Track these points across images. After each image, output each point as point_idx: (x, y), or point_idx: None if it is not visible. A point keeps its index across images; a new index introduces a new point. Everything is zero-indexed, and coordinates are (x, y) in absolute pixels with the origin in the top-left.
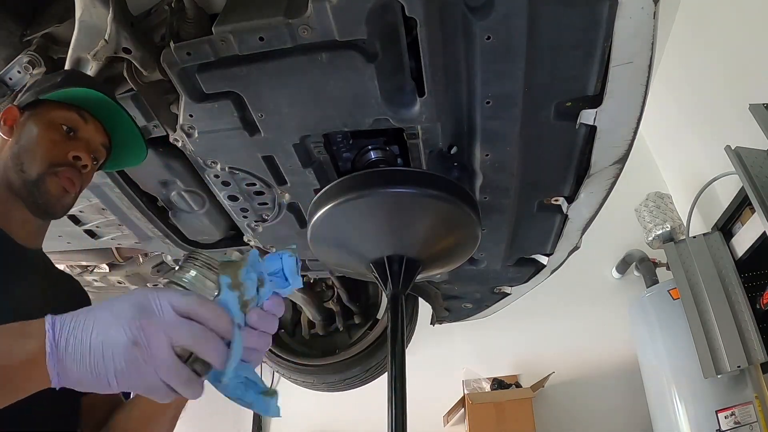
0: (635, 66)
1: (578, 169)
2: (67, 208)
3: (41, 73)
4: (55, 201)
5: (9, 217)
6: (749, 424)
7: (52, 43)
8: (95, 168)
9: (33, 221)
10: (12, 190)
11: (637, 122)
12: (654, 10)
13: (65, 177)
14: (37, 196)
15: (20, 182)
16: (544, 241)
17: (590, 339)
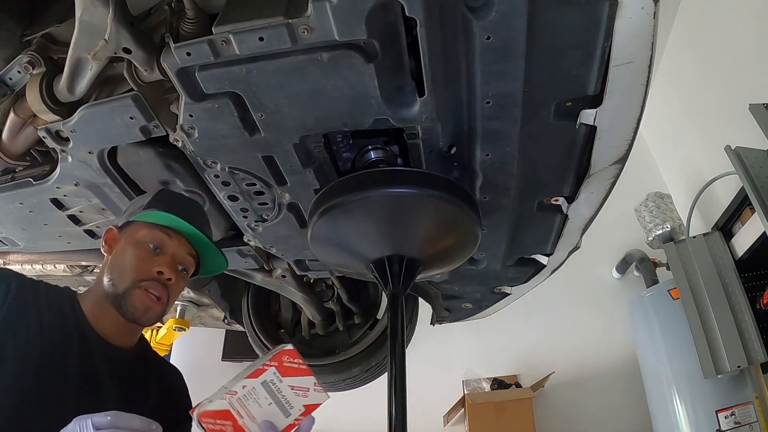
0: (635, 66)
1: (578, 169)
2: (156, 317)
3: (41, 73)
4: (141, 313)
5: (104, 319)
6: (749, 424)
7: (52, 43)
8: (186, 276)
9: (126, 325)
10: (108, 300)
11: (637, 122)
12: (654, 10)
13: (149, 290)
14: (125, 309)
15: (112, 295)
16: (544, 241)
17: (590, 339)
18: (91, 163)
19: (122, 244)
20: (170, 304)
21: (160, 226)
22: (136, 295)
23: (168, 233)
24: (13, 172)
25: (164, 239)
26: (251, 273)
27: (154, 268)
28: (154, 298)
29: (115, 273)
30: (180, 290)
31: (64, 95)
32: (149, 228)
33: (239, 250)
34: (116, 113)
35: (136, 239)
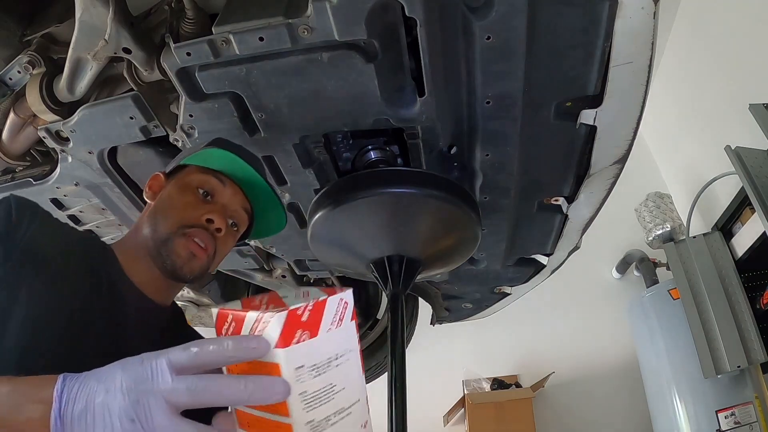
0: (635, 66)
1: (578, 169)
2: (198, 272)
3: (41, 73)
4: (182, 263)
5: (141, 272)
6: (749, 424)
7: (52, 43)
8: (236, 234)
9: (163, 280)
10: (146, 249)
11: (637, 122)
12: (654, 10)
13: (194, 239)
14: (165, 257)
15: (151, 242)
16: (544, 241)
17: (590, 339)
18: (91, 163)
19: (168, 190)
20: (216, 261)
21: (213, 171)
22: (179, 242)
23: (221, 179)
24: (13, 172)
25: (216, 186)
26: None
27: (202, 215)
28: (200, 246)
29: (158, 217)
30: (228, 249)
31: (64, 95)
32: (200, 172)
33: (239, 250)
34: (116, 113)
35: (184, 183)
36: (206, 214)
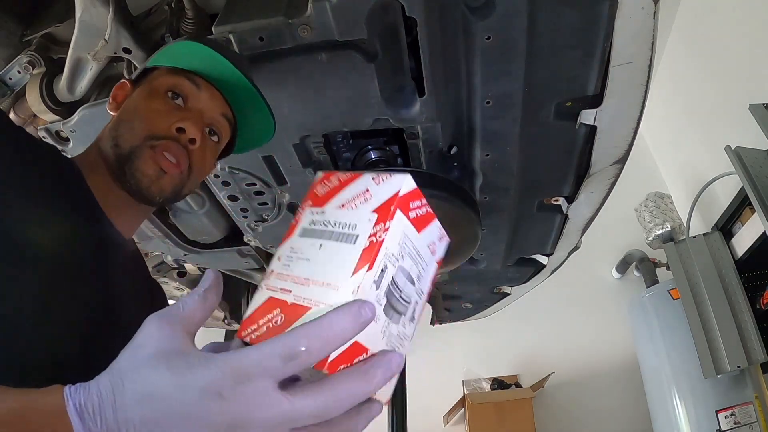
0: (635, 66)
1: (578, 169)
2: (170, 192)
3: (41, 73)
4: (149, 182)
5: (107, 197)
6: (749, 424)
7: (52, 43)
8: (216, 146)
9: (127, 202)
10: (108, 166)
11: (637, 122)
12: (654, 10)
13: (163, 152)
14: (129, 175)
15: (113, 158)
16: (544, 241)
17: (590, 339)
18: None
19: (133, 97)
20: (193, 180)
21: (186, 72)
22: (145, 157)
23: (195, 81)
24: None
25: (189, 88)
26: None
27: (172, 124)
28: (170, 161)
29: (121, 130)
30: (208, 165)
31: (64, 95)
32: (170, 74)
33: (239, 250)
34: None
35: (150, 88)
36: (177, 123)
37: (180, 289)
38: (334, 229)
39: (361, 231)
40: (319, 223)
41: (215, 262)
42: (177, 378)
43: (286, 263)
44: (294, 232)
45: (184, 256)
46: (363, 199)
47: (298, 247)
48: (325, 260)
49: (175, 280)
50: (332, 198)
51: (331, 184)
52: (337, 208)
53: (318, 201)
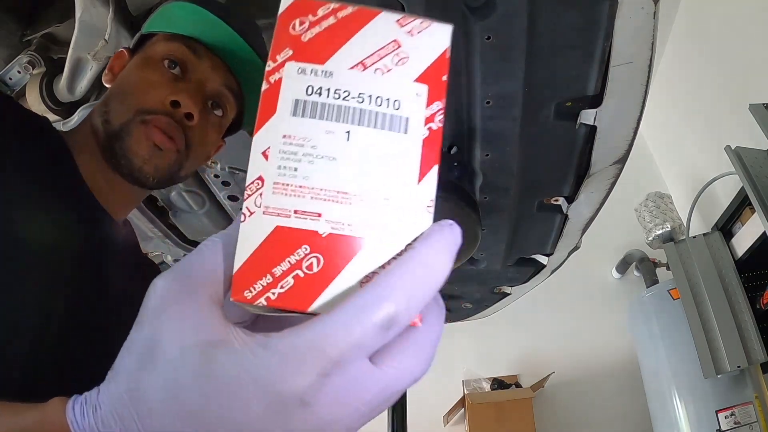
0: (635, 66)
1: (578, 169)
2: (165, 172)
3: (41, 73)
4: (141, 162)
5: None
6: (749, 424)
7: (52, 43)
8: (221, 121)
9: (119, 184)
10: (98, 144)
11: (637, 122)
12: (654, 10)
13: (156, 128)
14: (119, 155)
15: (103, 135)
16: (544, 241)
17: (590, 339)
18: None
19: (128, 68)
20: (191, 159)
21: (185, 38)
22: (138, 132)
23: (194, 48)
24: None
25: (188, 56)
26: None
27: (166, 97)
28: (164, 138)
29: (112, 104)
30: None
31: (64, 95)
32: (168, 40)
33: None
34: None
35: (146, 56)
36: (171, 95)
37: None
38: (362, 105)
39: (411, 112)
40: (328, 94)
41: None
42: (223, 393)
43: (289, 165)
44: (278, 108)
45: (184, 256)
46: (396, 58)
47: (302, 135)
48: (362, 158)
49: None
50: (337, 49)
51: (323, 22)
52: (352, 68)
53: (309, 52)
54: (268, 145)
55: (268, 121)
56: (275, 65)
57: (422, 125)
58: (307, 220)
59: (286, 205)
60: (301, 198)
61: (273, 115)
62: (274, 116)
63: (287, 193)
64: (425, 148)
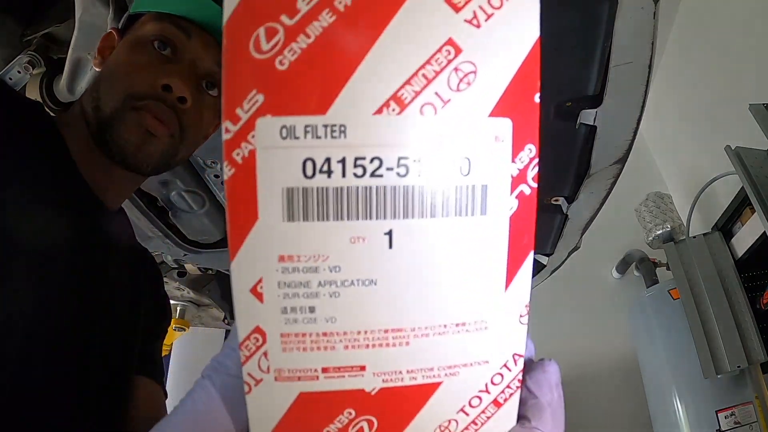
0: (635, 66)
1: (578, 169)
2: (159, 158)
3: (41, 73)
4: (134, 149)
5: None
6: (749, 424)
7: (52, 43)
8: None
9: (112, 171)
10: (90, 131)
11: (637, 122)
12: (654, 10)
13: (149, 114)
14: (111, 141)
15: (94, 122)
16: (544, 241)
17: (590, 339)
18: None
19: (117, 50)
20: (186, 143)
21: (174, 17)
22: (130, 119)
23: (184, 27)
24: None
25: (178, 36)
26: None
27: (159, 79)
28: (156, 123)
29: (102, 89)
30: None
31: (64, 95)
32: (156, 20)
33: None
34: None
35: (135, 38)
36: (162, 79)
37: (180, 289)
38: (407, 180)
39: (488, 174)
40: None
41: (215, 262)
42: None
43: (300, 304)
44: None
45: (184, 256)
46: (455, 77)
47: (311, 252)
48: (418, 271)
49: (175, 280)
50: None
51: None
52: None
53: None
54: (258, 276)
55: (247, 235)
56: (237, 128)
57: (508, 193)
58: (346, 378)
59: (309, 364)
60: (330, 351)
61: (254, 224)
62: (255, 225)
63: (306, 347)
64: (514, 230)
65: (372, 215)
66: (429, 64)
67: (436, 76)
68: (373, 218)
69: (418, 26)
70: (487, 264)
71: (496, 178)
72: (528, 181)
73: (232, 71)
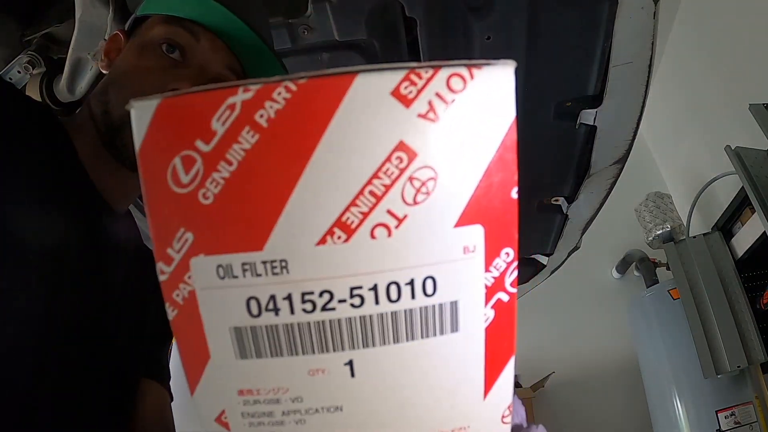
0: (635, 66)
1: (578, 169)
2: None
3: (41, 73)
4: None
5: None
6: (749, 424)
7: (52, 43)
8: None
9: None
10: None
11: (637, 122)
12: (654, 10)
13: None
14: (121, 145)
15: (103, 126)
16: (544, 241)
17: (590, 339)
18: None
19: (125, 53)
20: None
21: (182, 20)
22: None
23: (193, 30)
24: None
25: (187, 40)
26: None
27: (168, 83)
28: None
29: (111, 94)
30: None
31: (64, 95)
32: (164, 22)
33: None
34: None
35: (143, 41)
36: (171, 83)
37: None
38: (362, 309)
39: (459, 289)
40: (291, 306)
41: None
42: None
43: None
44: (210, 348)
45: None
46: (411, 188)
47: (271, 386)
48: (385, 395)
49: None
50: (282, 206)
51: (235, 148)
52: (322, 242)
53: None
54: (221, 408)
55: (203, 373)
56: (171, 270)
57: (482, 305)
58: None
59: None
60: None
61: (207, 362)
62: (209, 363)
63: None
64: (491, 340)
65: (328, 348)
66: (377, 178)
67: (387, 191)
68: (330, 351)
69: (359, 132)
70: (462, 378)
71: (468, 293)
72: (506, 288)
73: (155, 208)
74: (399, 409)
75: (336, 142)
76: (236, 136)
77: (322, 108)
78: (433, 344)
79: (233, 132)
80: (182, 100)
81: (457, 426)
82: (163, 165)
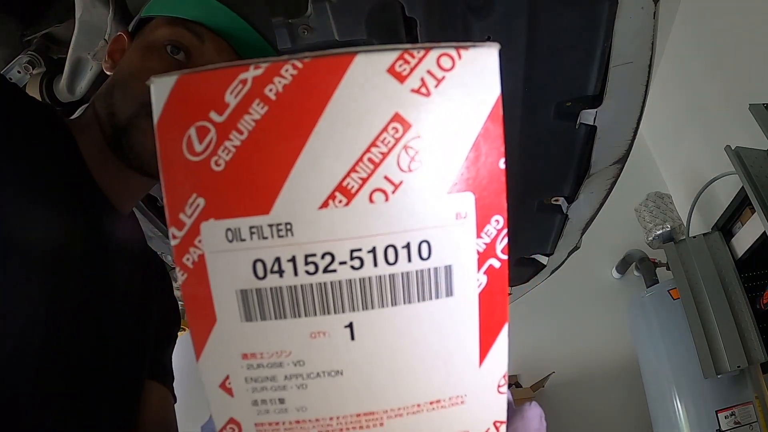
0: (635, 66)
1: (578, 169)
2: None
3: (41, 73)
4: (150, 156)
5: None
6: (749, 424)
7: (52, 43)
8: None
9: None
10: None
11: (637, 122)
12: (654, 10)
13: None
14: (127, 147)
15: (109, 128)
16: (544, 241)
17: (590, 339)
18: None
19: (129, 54)
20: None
21: (186, 22)
22: (146, 125)
23: (197, 32)
24: None
25: (191, 41)
26: None
27: None
28: None
29: (116, 95)
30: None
31: (64, 95)
32: (169, 24)
33: None
34: None
35: (147, 42)
36: None
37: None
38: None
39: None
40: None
41: None
42: None
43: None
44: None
45: None
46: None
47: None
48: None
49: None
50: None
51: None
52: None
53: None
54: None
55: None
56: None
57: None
58: None
59: None
60: None
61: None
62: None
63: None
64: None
65: (329, 310)
66: (375, 146)
67: (384, 159)
68: (331, 313)
69: (359, 105)
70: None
71: (461, 257)
72: (497, 254)
73: (170, 176)
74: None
75: (337, 113)
76: (247, 107)
77: (325, 83)
78: (429, 308)
79: (245, 104)
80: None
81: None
82: (179, 136)
